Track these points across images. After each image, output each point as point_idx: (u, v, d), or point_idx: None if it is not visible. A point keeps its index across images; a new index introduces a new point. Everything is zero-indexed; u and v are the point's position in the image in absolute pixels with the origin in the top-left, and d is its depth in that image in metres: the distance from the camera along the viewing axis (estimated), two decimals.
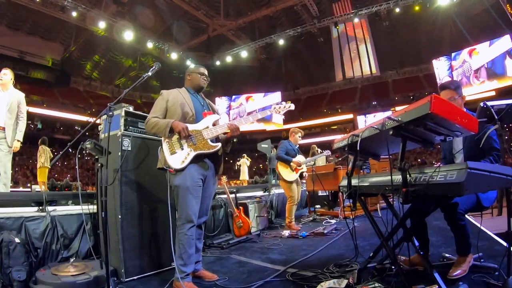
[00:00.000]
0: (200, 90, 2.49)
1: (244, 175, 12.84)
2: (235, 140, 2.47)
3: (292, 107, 2.47)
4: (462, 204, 1.91)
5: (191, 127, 2.22)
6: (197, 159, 2.21)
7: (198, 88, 2.46)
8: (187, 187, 2.15)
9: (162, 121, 2.21)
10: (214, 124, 2.32)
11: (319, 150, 5.02)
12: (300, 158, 4.59)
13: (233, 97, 26.03)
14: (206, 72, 2.50)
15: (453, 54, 19.89)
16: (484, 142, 2.02)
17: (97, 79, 26.31)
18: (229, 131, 2.28)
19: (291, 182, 4.45)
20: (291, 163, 4.44)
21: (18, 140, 3.50)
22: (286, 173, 4.47)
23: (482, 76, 18.77)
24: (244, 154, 13.40)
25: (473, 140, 2.10)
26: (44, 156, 7.48)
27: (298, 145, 4.76)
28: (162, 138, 2.23)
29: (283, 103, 2.47)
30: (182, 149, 2.19)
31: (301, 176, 4.64)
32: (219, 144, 2.27)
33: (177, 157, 2.17)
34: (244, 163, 12.95)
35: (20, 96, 3.65)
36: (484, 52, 18.38)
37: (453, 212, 1.90)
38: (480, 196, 2.00)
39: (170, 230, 2.21)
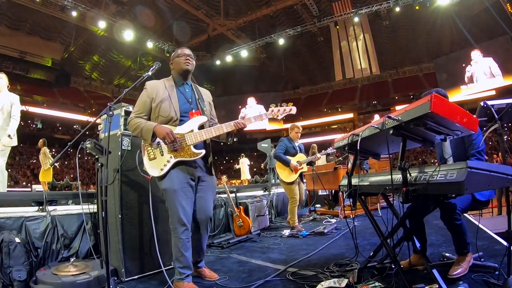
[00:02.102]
0: (186, 75, 2.25)
1: (244, 175, 12.85)
2: (235, 139, 2.31)
3: (294, 110, 2.22)
4: (458, 203, 1.92)
5: (174, 130, 2.08)
6: (180, 163, 2.08)
7: (183, 72, 2.22)
8: (175, 189, 2.04)
9: (145, 126, 2.06)
10: (201, 127, 2.15)
11: (318, 155, 4.75)
12: (300, 157, 4.39)
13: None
14: (188, 51, 2.22)
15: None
16: (466, 142, 2.03)
17: (97, 79, 26.30)
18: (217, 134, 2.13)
19: (290, 184, 4.27)
20: (290, 164, 4.21)
21: (9, 135, 3.52)
22: (285, 174, 4.27)
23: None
24: (243, 154, 13.42)
25: (457, 142, 2.10)
26: (46, 156, 7.58)
27: (298, 142, 4.52)
28: (142, 141, 2.13)
29: (284, 105, 2.23)
30: (162, 155, 2.06)
31: (301, 176, 4.40)
32: (203, 151, 2.11)
33: (155, 163, 2.06)
34: (243, 163, 12.96)
35: (14, 98, 3.71)
36: None
37: (450, 212, 1.90)
38: None
39: (154, 233, 2.19)
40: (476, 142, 2.03)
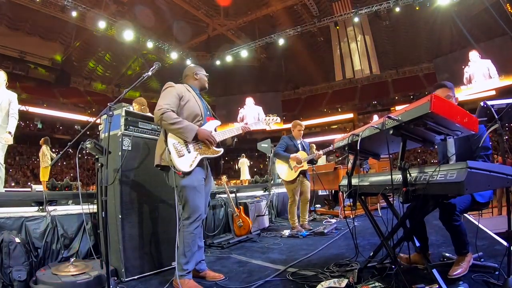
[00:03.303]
0: (202, 90, 2.55)
1: (244, 175, 12.85)
2: (236, 140, 2.55)
3: (278, 120, 2.82)
4: (457, 204, 1.92)
5: None
6: (199, 161, 2.25)
7: (203, 89, 2.55)
8: (195, 186, 2.17)
9: (188, 125, 2.17)
10: (215, 130, 2.39)
11: (320, 152, 4.66)
12: (301, 154, 4.21)
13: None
14: None
15: None
16: (474, 142, 2.02)
17: (97, 79, 26.30)
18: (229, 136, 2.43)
19: (291, 182, 4.15)
20: (289, 160, 4.09)
21: (9, 132, 3.55)
22: (284, 172, 4.15)
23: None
24: (243, 154, 13.42)
25: (462, 141, 2.10)
26: (47, 155, 7.61)
27: (301, 140, 4.39)
28: (170, 139, 2.15)
29: (270, 116, 2.76)
30: (189, 152, 2.20)
31: (303, 174, 4.22)
32: (222, 150, 2.33)
33: (185, 160, 2.16)
34: (244, 163, 12.96)
35: (12, 95, 3.73)
36: None
37: (450, 212, 1.90)
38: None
39: (177, 229, 2.21)
40: (485, 144, 2.02)
